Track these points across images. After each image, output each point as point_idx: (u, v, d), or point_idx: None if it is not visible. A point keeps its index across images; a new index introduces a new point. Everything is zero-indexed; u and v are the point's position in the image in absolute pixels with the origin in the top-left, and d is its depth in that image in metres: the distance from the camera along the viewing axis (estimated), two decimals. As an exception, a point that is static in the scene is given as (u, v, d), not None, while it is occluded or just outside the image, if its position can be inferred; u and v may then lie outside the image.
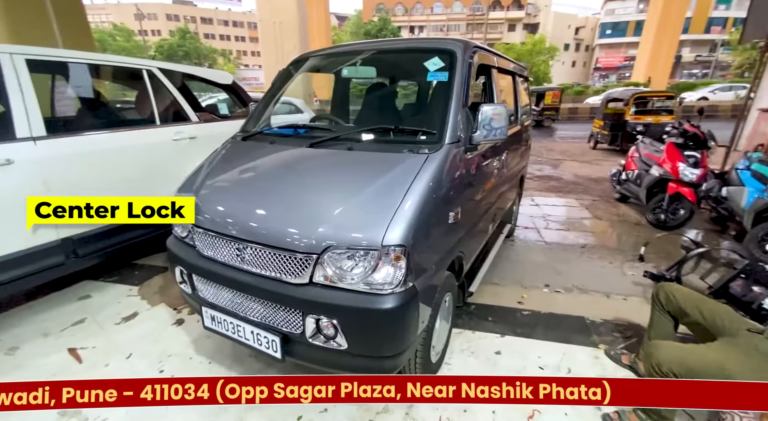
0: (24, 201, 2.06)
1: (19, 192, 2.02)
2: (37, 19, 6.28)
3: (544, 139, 13.05)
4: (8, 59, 2.01)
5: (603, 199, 5.44)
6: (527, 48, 33.95)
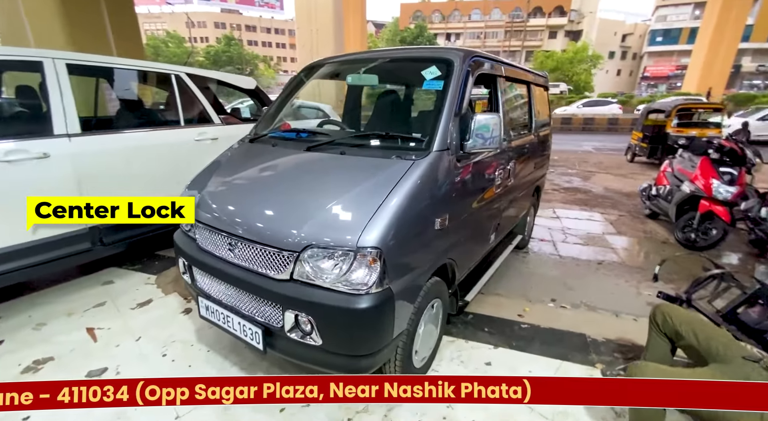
0: (58, 191, 2.32)
1: (53, 183, 2.26)
2: (94, 30, 6.91)
3: (576, 149, 12.57)
4: (50, 63, 2.26)
5: (631, 214, 5.16)
6: (568, 56, 32.86)
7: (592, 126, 19.34)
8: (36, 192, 2.21)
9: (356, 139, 1.94)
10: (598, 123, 19.36)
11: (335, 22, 15.85)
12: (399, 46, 21.47)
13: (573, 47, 33.69)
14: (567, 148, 12.86)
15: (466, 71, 1.89)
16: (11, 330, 2.26)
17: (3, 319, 2.36)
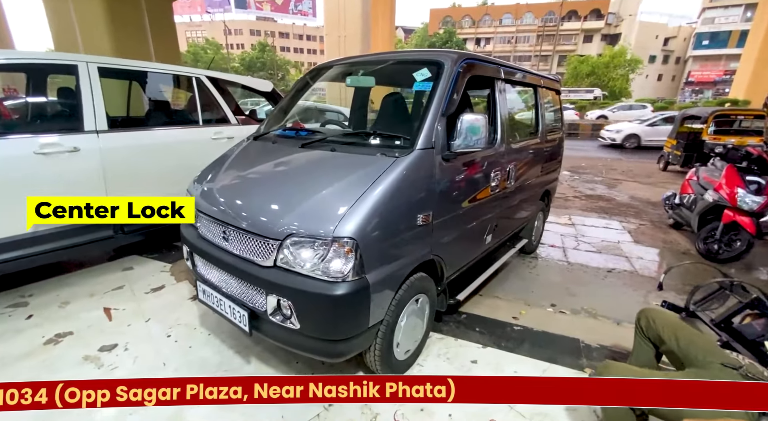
0: (88, 183, 2.55)
1: (82, 174, 2.50)
2: (136, 38, 7.47)
3: (605, 156, 12.10)
4: (84, 67, 2.52)
5: (654, 224, 4.95)
6: (603, 60, 31.68)
7: (626, 133, 18.51)
8: (66, 182, 2.48)
9: (347, 138, 2.03)
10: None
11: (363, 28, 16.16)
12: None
13: (610, 51, 32.43)
14: (596, 155, 12.42)
15: (456, 73, 1.94)
16: (40, 306, 2.50)
17: (34, 296, 2.62)
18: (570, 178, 8.25)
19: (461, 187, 2.03)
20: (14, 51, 2.54)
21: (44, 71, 2.86)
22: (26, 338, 2.17)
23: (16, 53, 2.56)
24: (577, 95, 28.63)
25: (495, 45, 45.99)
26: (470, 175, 2.08)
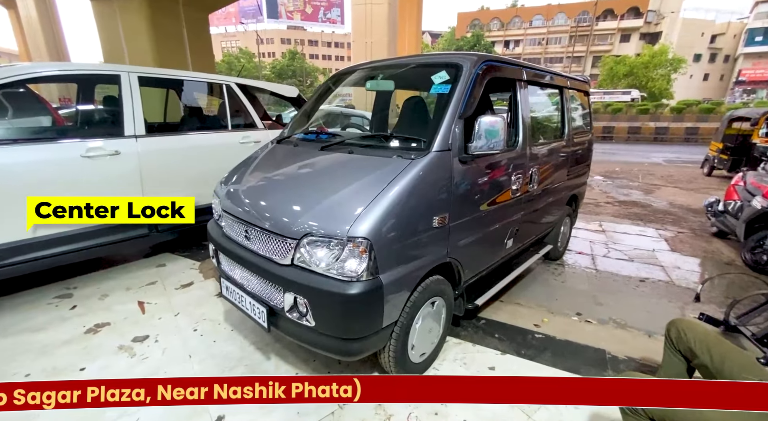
0: (127, 184, 2.74)
1: (122, 176, 2.68)
2: (176, 48, 7.95)
3: (643, 160, 11.52)
4: (126, 76, 2.71)
5: (694, 232, 4.65)
6: (642, 60, 30.15)
7: (666, 136, 17.57)
8: (108, 183, 2.66)
9: (365, 140, 2.06)
10: (673, 133, 17.53)
11: (390, 33, 16.30)
12: (453, 55, 21.24)
13: (649, 51, 30.84)
14: (632, 160, 11.86)
15: (475, 75, 1.93)
16: (83, 298, 2.70)
17: (78, 289, 2.83)
18: (602, 183, 7.90)
19: (479, 190, 2.00)
20: (65, 63, 2.77)
21: (91, 81, 3.11)
22: (70, 326, 2.34)
23: (67, 65, 2.79)
24: (613, 97, 27.44)
25: (524, 47, 45.01)
26: (489, 177, 2.05)
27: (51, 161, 2.42)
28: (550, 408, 1.76)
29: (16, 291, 2.71)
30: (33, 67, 2.52)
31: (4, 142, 2.33)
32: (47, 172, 2.39)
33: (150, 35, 7.53)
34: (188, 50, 8.35)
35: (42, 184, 2.37)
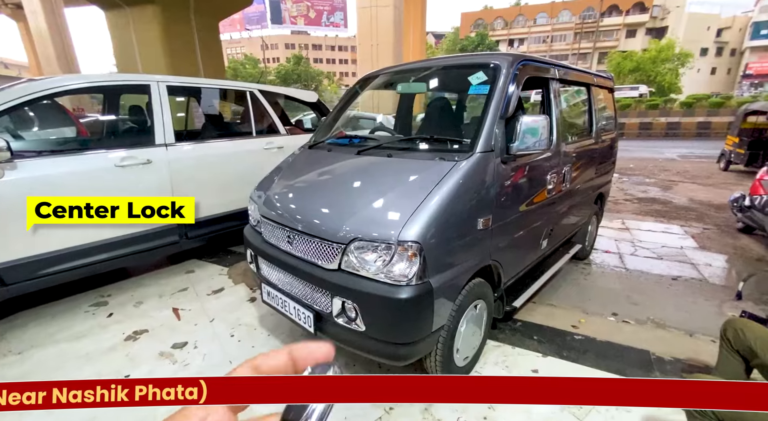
0: (158, 191, 2.76)
1: (154, 184, 2.71)
2: (188, 56, 8.04)
3: (657, 157, 11.38)
4: (156, 86, 2.75)
5: (720, 228, 4.57)
6: (649, 55, 29.88)
7: (678, 131, 17.35)
8: (140, 192, 2.69)
9: (403, 143, 2.06)
10: (685, 128, 17.31)
11: (395, 36, 16.34)
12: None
13: (656, 46, 30.54)
14: (645, 156, 11.72)
15: (513, 75, 1.92)
16: (119, 306, 2.72)
17: (113, 296, 2.86)
18: (618, 180, 7.82)
19: (519, 191, 1.99)
20: (93, 75, 2.81)
21: (120, 92, 3.15)
22: (110, 333, 2.37)
23: (96, 77, 2.82)
24: (621, 93, 27.15)
25: (529, 45, 44.80)
26: (528, 178, 2.04)
27: (87, 172, 2.44)
28: (601, 410, 1.74)
29: (52, 300, 2.75)
30: (63, 80, 2.55)
31: (41, 153, 2.37)
32: (84, 183, 2.42)
33: (163, 43, 7.63)
34: (200, 57, 8.45)
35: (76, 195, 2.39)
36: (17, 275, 2.23)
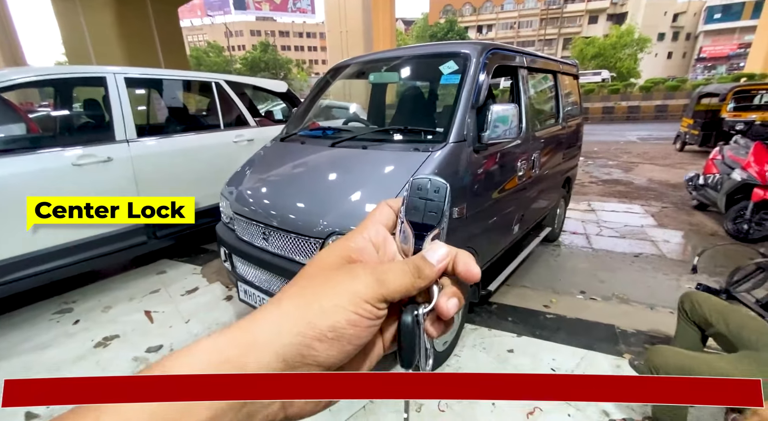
0: (122, 191, 2.62)
1: (116, 182, 2.57)
2: (146, 45, 7.58)
3: (619, 139, 11.91)
4: (112, 78, 2.58)
5: (676, 206, 4.87)
6: (610, 41, 30.94)
7: (638, 115, 18.16)
8: (102, 191, 2.54)
9: (377, 135, 2.05)
10: (644, 111, 18.15)
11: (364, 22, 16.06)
12: (428, 42, 21.25)
13: (616, 31, 31.63)
14: (608, 139, 12.21)
15: (483, 64, 1.94)
16: (85, 312, 2.60)
17: (78, 302, 2.72)
18: (584, 163, 8.14)
19: (492, 178, 2.03)
20: (42, 67, 2.60)
21: (72, 84, 2.93)
22: (77, 341, 2.26)
23: (46, 70, 2.60)
24: (584, 78, 28.05)
25: (497, 32, 45.25)
26: (500, 165, 2.08)
27: (40, 172, 2.28)
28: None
29: (12, 309, 2.58)
30: (8, 74, 2.35)
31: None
32: (38, 184, 2.26)
33: (117, 32, 7.14)
34: (159, 46, 7.98)
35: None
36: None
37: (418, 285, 0.26)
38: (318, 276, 0.26)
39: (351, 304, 0.24)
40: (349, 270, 0.26)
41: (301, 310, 0.24)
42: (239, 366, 0.22)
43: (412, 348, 0.26)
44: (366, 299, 0.24)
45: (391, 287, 0.25)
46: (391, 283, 0.25)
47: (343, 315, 0.23)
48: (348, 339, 0.24)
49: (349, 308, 0.24)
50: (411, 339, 0.26)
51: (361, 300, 0.24)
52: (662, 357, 1.32)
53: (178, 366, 0.21)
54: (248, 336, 0.23)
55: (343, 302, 0.24)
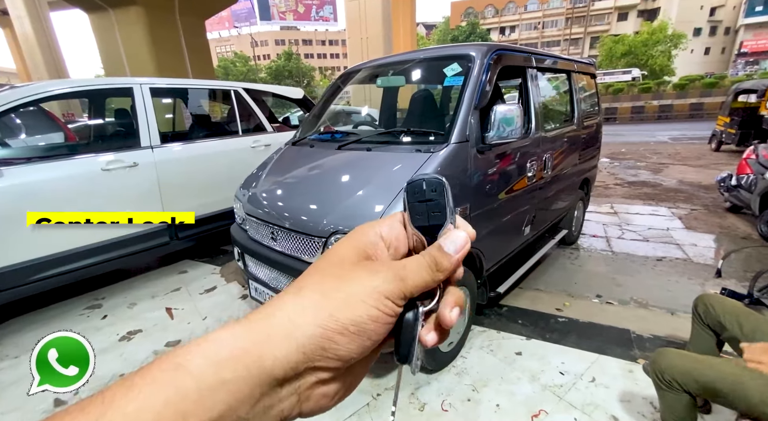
0: (146, 194, 2.79)
1: (141, 187, 2.74)
2: (175, 56, 7.98)
3: (649, 140, 11.42)
4: (138, 88, 2.75)
5: (708, 209, 4.63)
6: (641, 38, 29.73)
7: (670, 113, 17.35)
8: (128, 195, 2.72)
9: (382, 137, 2.09)
10: (677, 110, 17.31)
11: (384, 28, 16.22)
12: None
13: (648, 28, 30.37)
14: (637, 140, 11.75)
15: (487, 65, 1.94)
16: (112, 308, 2.77)
17: (106, 299, 2.90)
18: (609, 165, 7.86)
19: (497, 179, 2.03)
20: (77, 79, 2.81)
21: (104, 95, 3.15)
22: (104, 335, 2.41)
23: (78, 81, 2.82)
24: (613, 77, 27.08)
25: (520, 33, 44.50)
26: (506, 166, 2.07)
27: (73, 177, 2.47)
28: (581, 388, 1.80)
29: (47, 304, 2.79)
30: (46, 85, 2.56)
31: (28, 160, 2.39)
32: (70, 188, 2.45)
33: (149, 45, 7.56)
34: (187, 57, 8.38)
35: (64, 200, 2.43)
36: (8, 281, 2.27)
37: (438, 278, 0.25)
38: (337, 269, 0.26)
39: (372, 299, 0.24)
40: (367, 265, 0.26)
41: (323, 302, 0.23)
42: (256, 357, 0.21)
43: (409, 344, 0.25)
44: (387, 295, 0.24)
45: (411, 283, 0.25)
46: (410, 279, 0.25)
47: (365, 310, 0.23)
48: (368, 334, 0.24)
49: (371, 303, 0.23)
50: (410, 336, 0.25)
51: (381, 295, 0.24)
52: (668, 360, 1.28)
53: (197, 356, 0.21)
54: (266, 326, 0.23)
55: (364, 296, 0.24)
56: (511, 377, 1.91)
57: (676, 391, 1.28)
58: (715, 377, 1.19)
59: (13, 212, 2.23)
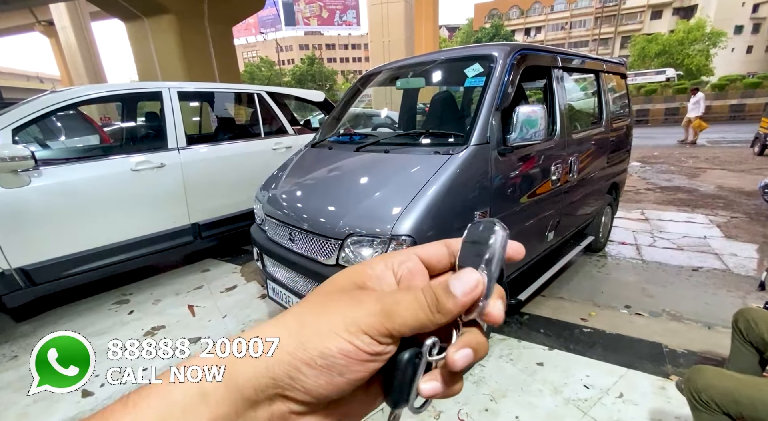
0: (172, 193, 2.89)
1: (167, 186, 2.83)
2: (204, 62, 8.28)
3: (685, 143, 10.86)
4: (167, 92, 2.86)
5: (749, 216, 4.33)
6: (677, 37, 28.40)
7: (708, 116, 16.36)
8: (155, 194, 2.81)
9: (400, 139, 2.07)
10: (716, 111, 16.39)
11: (407, 31, 16.25)
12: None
13: (684, 26, 28.97)
14: (671, 143, 11.21)
15: (510, 65, 1.89)
16: (138, 303, 2.87)
17: (134, 295, 3.01)
18: (640, 169, 7.52)
19: (519, 182, 1.96)
20: (110, 84, 2.95)
21: (136, 99, 3.29)
22: (130, 330, 2.50)
23: (112, 86, 2.96)
24: (645, 78, 25.98)
25: (546, 33, 43.50)
26: (528, 169, 2.00)
27: (104, 177, 2.58)
28: (606, 403, 1.70)
29: (78, 299, 2.92)
30: (82, 90, 2.69)
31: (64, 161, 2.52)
32: (101, 188, 2.56)
33: (180, 51, 7.88)
34: (215, 63, 8.68)
35: (96, 199, 2.54)
36: (45, 275, 2.39)
37: (437, 321, 0.22)
38: (323, 297, 0.24)
39: (346, 332, 0.21)
40: (355, 295, 0.23)
41: (299, 330, 0.22)
42: (231, 370, 0.21)
43: (401, 389, 0.22)
44: (365, 330, 0.21)
45: (399, 321, 0.21)
46: (399, 316, 0.21)
47: (335, 343, 0.21)
48: (339, 370, 0.21)
49: (344, 336, 0.21)
50: (404, 379, 0.22)
51: (358, 330, 0.21)
52: (705, 379, 1.18)
53: (181, 370, 0.23)
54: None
55: (338, 328, 0.21)
56: (531, 388, 1.83)
57: (713, 412, 1.19)
58: (758, 398, 1.09)
59: (51, 209, 2.35)
